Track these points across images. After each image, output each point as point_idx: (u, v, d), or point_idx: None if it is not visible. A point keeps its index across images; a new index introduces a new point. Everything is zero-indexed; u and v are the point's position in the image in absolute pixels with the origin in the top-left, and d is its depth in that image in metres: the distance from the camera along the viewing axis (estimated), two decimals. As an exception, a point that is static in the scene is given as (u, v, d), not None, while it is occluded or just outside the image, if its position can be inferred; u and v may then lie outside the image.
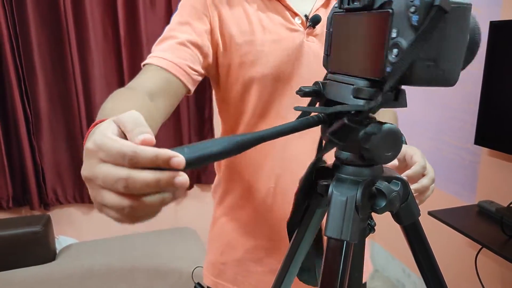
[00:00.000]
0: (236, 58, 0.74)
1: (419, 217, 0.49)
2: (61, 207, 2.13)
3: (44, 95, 1.97)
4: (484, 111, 1.64)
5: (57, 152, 2.04)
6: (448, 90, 1.95)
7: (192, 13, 0.74)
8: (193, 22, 0.73)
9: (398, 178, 0.46)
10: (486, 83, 1.61)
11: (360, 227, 0.47)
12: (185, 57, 0.71)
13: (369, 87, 0.40)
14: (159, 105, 0.65)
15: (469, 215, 1.69)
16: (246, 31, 0.73)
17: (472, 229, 1.56)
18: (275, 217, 0.80)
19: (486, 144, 1.67)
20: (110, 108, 0.56)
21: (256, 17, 0.74)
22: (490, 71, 1.60)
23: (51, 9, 1.89)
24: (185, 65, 0.70)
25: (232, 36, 0.73)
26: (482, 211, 1.67)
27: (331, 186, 0.45)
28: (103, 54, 2.01)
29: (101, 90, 2.03)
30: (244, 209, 0.83)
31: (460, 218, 1.66)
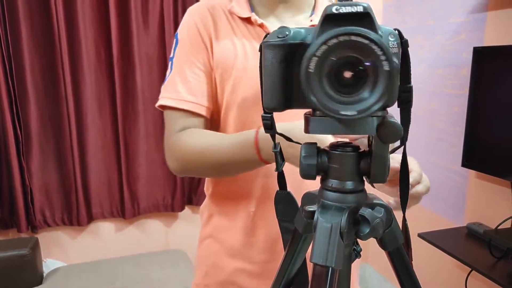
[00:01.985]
0: (220, 83, 0.78)
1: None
2: (49, 230, 2.10)
3: (35, 115, 1.97)
4: (470, 134, 1.67)
5: (46, 173, 2.03)
6: (435, 112, 1.99)
7: (191, 45, 0.79)
8: (197, 56, 0.79)
9: (382, 205, 0.47)
10: (471, 107, 1.65)
11: (345, 253, 0.48)
12: (203, 93, 0.78)
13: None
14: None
15: (458, 237, 1.70)
16: (230, 56, 0.77)
17: (461, 252, 1.57)
18: (256, 241, 0.82)
19: (473, 167, 1.69)
20: (212, 137, 0.75)
21: (240, 43, 0.78)
22: (475, 95, 1.64)
23: (45, 29, 1.91)
24: (206, 102, 0.78)
25: (218, 61, 0.78)
26: (471, 233, 1.69)
27: (316, 213, 0.46)
28: (96, 74, 2.03)
29: (93, 111, 2.03)
30: (228, 231, 0.85)
31: (449, 240, 1.67)
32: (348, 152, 0.47)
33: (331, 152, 0.47)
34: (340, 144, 0.49)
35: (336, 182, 0.47)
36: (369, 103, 0.38)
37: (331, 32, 0.35)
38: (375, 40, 0.35)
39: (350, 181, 0.47)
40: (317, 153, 0.47)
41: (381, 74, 0.37)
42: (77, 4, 1.92)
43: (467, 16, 1.78)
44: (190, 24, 0.80)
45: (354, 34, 0.35)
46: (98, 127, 2.06)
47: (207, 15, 0.80)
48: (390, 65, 0.36)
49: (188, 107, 0.78)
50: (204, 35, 0.79)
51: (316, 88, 0.36)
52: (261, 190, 0.80)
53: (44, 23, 1.91)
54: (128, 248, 2.22)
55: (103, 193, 2.12)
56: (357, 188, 0.47)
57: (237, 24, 0.80)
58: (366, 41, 0.35)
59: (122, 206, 2.16)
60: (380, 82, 0.37)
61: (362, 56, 0.37)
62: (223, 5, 0.82)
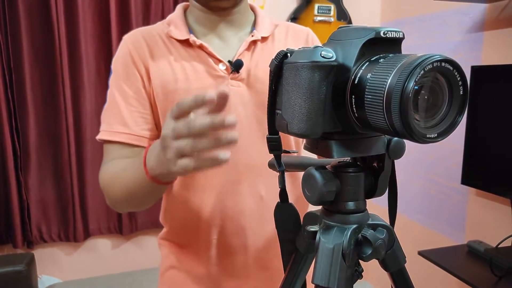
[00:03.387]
0: (163, 108, 0.76)
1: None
2: (45, 246, 2.07)
3: (34, 130, 1.97)
4: (469, 152, 1.68)
5: (44, 188, 2.01)
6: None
7: (125, 73, 0.77)
8: (130, 85, 0.77)
9: (384, 225, 0.47)
10: (470, 125, 1.66)
11: (347, 274, 0.47)
12: (136, 123, 0.76)
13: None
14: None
15: (459, 255, 1.68)
16: (170, 81, 0.75)
17: (462, 270, 1.56)
18: (224, 268, 0.80)
19: (473, 184, 1.69)
20: (123, 164, 0.72)
21: (179, 66, 0.76)
22: (473, 114, 1.65)
23: (46, 43, 1.92)
24: (141, 131, 0.77)
25: (158, 87, 0.76)
26: (471, 251, 1.67)
27: (318, 233, 0.46)
28: (96, 89, 2.04)
29: (92, 126, 2.03)
30: (192, 261, 0.82)
31: (450, 258, 1.65)
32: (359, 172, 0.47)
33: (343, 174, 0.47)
34: (346, 164, 0.48)
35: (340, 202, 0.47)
36: (446, 125, 0.38)
37: (427, 58, 0.35)
38: (458, 67, 0.37)
39: (353, 202, 0.47)
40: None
41: (456, 98, 0.38)
42: (79, 19, 1.94)
43: (464, 35, 1.80)
44: (124, 53, 0.78)
45: (445, 60, 0.36)
46: (97, 142, 2.04)
47: (141, 42, 0.78)
48: (464, 90, 0.38)
49: (119, 138, 0.76)
50: (139, 63, 0.76)
51: (410, 113, 0.35)
52: (219, 215, 0.77)
53: (45, 37, 1.92)
54: (125, 265, 2.19)
55: (100, 209, 2.10)
56: (360, 209, 0.47)
57: (175, 48, 0.77)
58: (451, 67, 0.36)
59: (119, 222, 2.14)
60: (454, 106, 0.38)
61: (443, 81, 0.38)
62: (160, 30, 0.80)
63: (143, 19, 2.05)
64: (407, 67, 0.34)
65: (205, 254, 0.80)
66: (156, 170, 0.59)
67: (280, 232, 0.54)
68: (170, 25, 0.80)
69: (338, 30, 0.44)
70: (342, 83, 0.40)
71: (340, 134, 0.43)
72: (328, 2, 2.16)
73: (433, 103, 0.37)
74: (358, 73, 0.39)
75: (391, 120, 0.35)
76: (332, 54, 0.40)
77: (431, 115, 0.38)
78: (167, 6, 2.04)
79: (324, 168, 0.46)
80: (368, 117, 0.38)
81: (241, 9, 0.82)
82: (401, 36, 0.41)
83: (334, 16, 2.18)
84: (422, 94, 0.37)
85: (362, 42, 0.40)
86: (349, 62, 0.40)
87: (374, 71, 0.38)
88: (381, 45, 0.40)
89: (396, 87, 0.34)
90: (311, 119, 0.40)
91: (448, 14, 1.88)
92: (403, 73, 0.34)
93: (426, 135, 0.37)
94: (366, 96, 0.38)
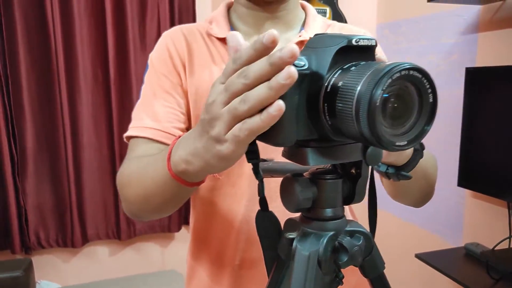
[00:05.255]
0: (195, 108, 0.73)
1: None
2: (43, 251, 2.08)
3: (31, 135, 1.97)
4: (465, 154, 1.67)
5: (41, 193, 2.02)
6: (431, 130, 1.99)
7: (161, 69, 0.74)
8: (166, 80, 0.73)
9: (361, 232, 0.47)
10: (465, 127, 1.66)
11: (324, 281, 0.47)
12: (169, 119, 0.71)
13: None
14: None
15: (456, 258, 1.68)
16: (206, 80, 0.71)
17: (459, 273, 1.55)
18: (244, 279, 0.75)
19: (469, 186, 1.69)
20: (145, 161, 0.62)
21: (217, 65, 0.73)
22: (468, 115, 1.65)
23: (42, 49, 1.93)
24: (172, 129, 0.70)
25: (193, 85, 0.73)
26: (469, 253, 1.67)
27: (295, 240, 0.46)
28: (92, 95, 2.05)
29: (89, 131, 2.04)
30: (217, 267, 0.77)
31: (447, 261, 1.65)
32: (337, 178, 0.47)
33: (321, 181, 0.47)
34: (324, 171, 0.48)
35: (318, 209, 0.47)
36: (416, 133, 0.38)
37: (394, 67, 0.35)
38: (427, 75, 0.37)
39: (330, 208, 0.47)
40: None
41: (426, 106, 0.38)
42: (75, 23, 1.95)
43: (459, 37, 1.80)
44: (161, 48, 0.76)
45: (413, 69, 0.36)
46: (94, 147, 2.06)
47: (180, 38, 0.75)
48: (433, 97, 0.38)
49: (147, 133, 0.70)
50: (176, 59, 0.74)
51: (379, 121, 0.35)
52: (244, 238, 0.73)
53: (42, 42, 1.93)
54: (124, 270, 2.19)
55: (98, 215, 2.11)
56: (338, 215, 0.47)
57: (215, 46, 0.75)
58: (420, 75, 0.36)
59: (117, 228, 2.14)
60: (423, 113, 0.38)
61: (412, 89, 0.38)
62: (201, 28, 0.77)
63: (139, 24, 2.06)
64: (375, 76, 0.35)
65: (227, 283, 0.76)
66: (184, 164, 0.48)
67: (262, 240, 0.54)
68: (212, 23, 0.77)
69: (314, 37, 0.44)
70: (316, 91, 0.40)
71: (316, 142, 0.43)
72: (323, 5, 2.16)
73: (403, 111, 0.37)
74: (331, 81, 0.39)
75: (360, 128, 0.36)
76: (304, 62, 0.40)
77: (400, 122, 0.37)
78: (162, 11, 2.05)
79: (301, 175, 0.46)
80: (340, 125, 0.38)
81: (290, 6, 0.77)
82: (373, 44, 0.41)
83: (330, 19, 2.18)
84: (392, 102, 0.37)
85: (335, 50, 0.40)
86: (322, 70, 0.40)
87: (345, 79, 0.38)
88: (354, 53, 0.40)
89: (364, 95, 0.35)
90: (284, 127, 0.40)
91: (443, 16, 1.88)
92: (371, 82, 0.34)
93: (395, 142, 0.37)
94: (337, 104, 0.38)
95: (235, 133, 0.39)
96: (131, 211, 0.66)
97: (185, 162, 0.48)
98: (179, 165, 0.49)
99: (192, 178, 0.51)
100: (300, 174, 0.46)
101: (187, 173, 0.49)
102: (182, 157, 0.48)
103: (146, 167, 0.60)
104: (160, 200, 0.58)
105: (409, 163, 0.57)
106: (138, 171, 0.62)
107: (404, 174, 0.57)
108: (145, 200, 0.61)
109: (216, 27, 0.76)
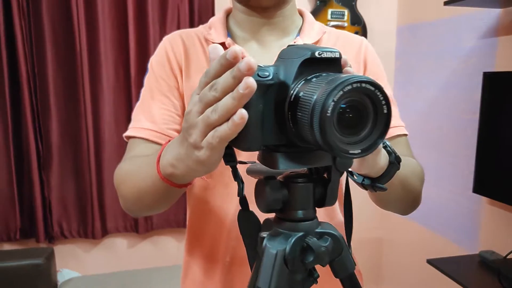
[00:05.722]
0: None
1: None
2: (66, 241, 2.18)
3: (56, 131, 2.08)
4: (481, 160, 1.64)
5: (65, 186, 2.12)
6: (446, 136, 1.96)
7: (159, 72, 0.77)
8: (163, 83, 0.76)
9: (331, 234, 0.49)
10: (482, 132, 1.63)
11: (295, 279, 0.50)
12: (164, 121, 0.74)
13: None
14: None
15: (470, 266, 1.65)
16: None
17: (470, 280, 1.52)
18: (234, 277, 0.78)
19: (484, 193, 1.65)
20: (139, 161, 0.67)
21: None
22: (486, 120, 1.61)
23: (68, 51, 2.03)
24: (167, 130, 0.74)
25: (189, 88, 0.75)
26: (483, 261, 1.64)
27: (265, 239, 0.49)
28: (114, 93, 2.13)
29: (110, 127, 2.13)
30: (211, 285, 0.81)
31: (459, 268, 1.62)
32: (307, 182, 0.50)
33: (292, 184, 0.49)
34: (297, 174, 0.51)
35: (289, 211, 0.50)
36: (370, 142, 0.41)
37: (347, 79, 0.37)
38: (379, 86, 0.39)
39: (301, 210, 0.49)
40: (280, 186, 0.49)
41: (381, 116, 0.40)
42: (99, 27, 2.04)
43: (478, 41, 1.77)
44: (160, 52, 0.79)
45: (364, 82, 0.38)
46: (115, 144, 2.15)
47: (179, 43, 0.78)
48: (387, 108, 0.40)
49: (144, 134, 0.73)
50: (173, 62, 0.77)
51: (330, 130, 0.38)
52: (235, 236, 0.75)
53: (67, 45, 2.02)
54: (140, 262, 2.27)
55: (117, 208, 2.19)
56: (308, 217, 0.50)
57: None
58: (372, 87, 0.38)
59: (135, 221, 2.22)
60: (379, 124, 0.40)
61: (367, 101, 0.40)
62: (200, 33, 0.80)
63: (160, 27, 2.13)
64: (329, 87, 0.37)
65: (219, 279, 0.79)
66: (170, 168, 0.52)
67: (244, 238, 0.57)
68: (211, 28, 0.79)
69: (286, 48, 0.47)
70: (282, 99, 0.43)
71: (286, 147, 0.46)
72: (342, 7, 2.16)
73: (357, 121, 0.40)
74: (295, 91, 0.42)
75: (314, 136, 0.38)
76: (268, 73, 0.43)
77: (355, 132, 0.40)
78: (182, 13, 2.11)
79: (274, 178, 0.49)
80: (301, 132, 0.41)
81: (286, 12, 0.79)
82: (337, 56, 0.43)
83: (348, 21, 2.18)
84: (347, 112, 0.39)
85: (299, 62, 0.42)
86: (288, 80, 0.43)
87: (305, 89, 0.40)
88: (318, 64, 0.43)
89: (317, 106, 0.37)
90: (250, 133, 0.43)
91: (462, 19, 1.85)
92: (324, 93, 0.37)
93: (348, 151, 0.39)
94: (297, 113, 0.40)
95: (209, 140, 0.43)
96: (126, 206, 0.70)
97: (171, 166, 0.52)
98: (166, 169, 0.53)
99: (179, 180, 0.55)
100: (272, 177, 0.49)
101: (174, 175, 0.53)
102: (169, 161, 0.52)
103: (139, 167, 0.64)
104: (151, 198, 0.63)
105: (384, 176, 0.57)
106: (132, 171, 0.67)
107: (380, 186, 0.57)
108: (138, 198, 0.65)
109: (214, 33, 0.79)
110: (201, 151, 0.44)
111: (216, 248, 0.80)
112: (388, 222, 2.38)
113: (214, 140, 0.42)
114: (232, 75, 0.40)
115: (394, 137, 0.80)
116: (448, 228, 1.97)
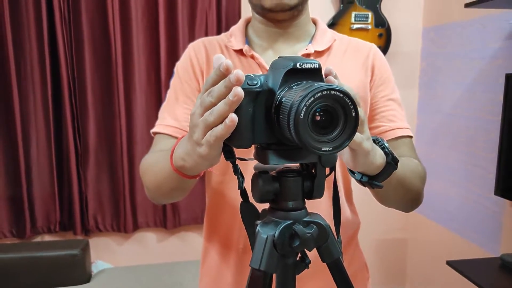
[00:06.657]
0: None
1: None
2: (100, 234, 2.33)
3: (93, 131, 2.23)
4: (504, 163, 1.63)
5: (100, 182, 2.27)
6: (473, 137, 1.95)
7: (184, 76, 0.86)
8: (186, 86, 0.85)
9: (316, 223, 0.55)
10: (504, 134, 1.62)
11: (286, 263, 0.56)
12: (186, 119, 0.83)
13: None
14: None
15: (491, 268, 1.64)
16: None
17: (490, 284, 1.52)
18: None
19: (506, 195, 1.64)
20: (158, 155, 0.75)
21: None
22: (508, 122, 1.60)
23: (104, 55, 2.17)
24: (187, 127, 0.83)
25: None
26: (504, 264, 1.62)
27: (258, 225, 0.55)
28: (146, 95, 2.26)
29: (142, 128, 2.25)
30: (221, 271, 0.90)
31: (480, 270, 1.61)
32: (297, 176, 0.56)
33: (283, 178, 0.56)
34: (288, 169, 0.57)
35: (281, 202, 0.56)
36: (341, 141, 0.47)
37: (317, 87, 0.44)
38: (347, 93, 0.45)
39: (291, 201, 0.56)
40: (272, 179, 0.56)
41: (350, 118, 0.46)
42: (133, 33, 2.17)
43: (503, 42, 1.75)
44: (185, 57, 0.88)
45: (334, 89, 0.45)
46: (146, 143, 2.27)
47: (202, 49, 0.87)
48: (355, 112, 0.46)
49: (168, 131, 0.83)
50: (196, 67, 0.85)
51: (303, 130, 0.44)
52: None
53: (104, 50, 2.17)
54: (168, 256, 2.38)
55: (148, 204, 2.32)
56: (298, 207, 0.56)
57: (231, 57, 0.85)
58: (341, 94, 0.45)
59: (164, 217, 2.34)
60: (348, 125, 0.47)
61: (337, 105, 0.46)
62: (221, 40, 0.88)
63: (189, 31, 2.23)
64: (303, 94, 0.44)
65: (233, 263, 0.87)
66: (181, 161, 0.60)
67: (246, 227, 0.64)
68: (232, 36, 0.87)
69: (277, 59, 0.54)
70: (271, 104, 0.50)
71: (276, 145, 0.53)
72: (366, 10, 2.19)
73: (328, 123, 0.46)
74: (279, 97, 0.49)
75: (291, 135, 0.45)
76: (257, 81, 0.50)
77: (327, 132, 0.46)
78: (210, 18, 2.21)
79: (266, 172, 0.56)
80: (284, 132, 0.48)
81: (301, 22, 0.86)
82: (316, 67, 0.49)
83: (372, 24, 2.20)
84: (321, 115, 0.45)
85: (284, 72, 0.49)
86: (275, 87, 0.50)
87: (287, 95, 0.47)
88: (301, 74, 0.49)
89: (293, 110, 0.44)
90: (241, 133, 0.50)
91: (488, 20, 1.83)
92: (298, 99, 0.44)
93: (321, 148, 0.45)
94: (280, 116, 0.47)
95: (207, 138, 0.51)
96: (149, 194, 0.81)
97: (181, 159, 0.61)
98: (178, 161, 0.62)
99: (189, 172, 0.63)
100: (265, 172, 0.56)
101: (184, 168, 0.62)
102: (180, 155, 0.61)
103: (157, 160, 0.74)
104: (168, 187, 0.73)
105: (381, 174, 0.63)
106: (153, 163, 0.77)
107: (376, 183, 0.63)
108: (157, 186, 0.76)
109: (233, 40, 0.87)
110: (202, 148, 0.52)
111: (230, 236, 0.88)
112: (413, 223, 2.37)
113: (211, 138, 0.50)
114: (224, 84, 0.48)
115: (398, 138, 0.85)
116: (471, 230, 1.96)
